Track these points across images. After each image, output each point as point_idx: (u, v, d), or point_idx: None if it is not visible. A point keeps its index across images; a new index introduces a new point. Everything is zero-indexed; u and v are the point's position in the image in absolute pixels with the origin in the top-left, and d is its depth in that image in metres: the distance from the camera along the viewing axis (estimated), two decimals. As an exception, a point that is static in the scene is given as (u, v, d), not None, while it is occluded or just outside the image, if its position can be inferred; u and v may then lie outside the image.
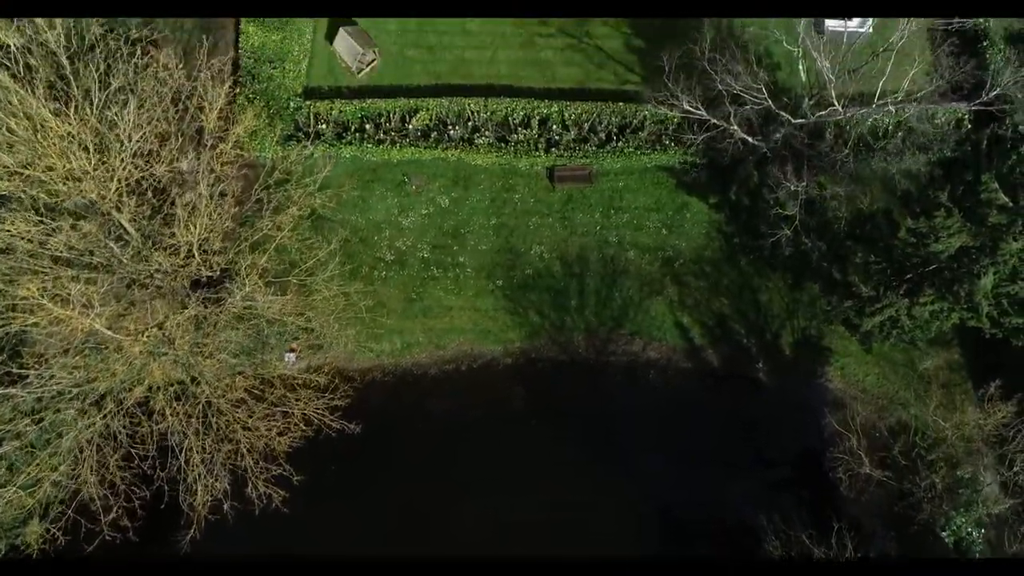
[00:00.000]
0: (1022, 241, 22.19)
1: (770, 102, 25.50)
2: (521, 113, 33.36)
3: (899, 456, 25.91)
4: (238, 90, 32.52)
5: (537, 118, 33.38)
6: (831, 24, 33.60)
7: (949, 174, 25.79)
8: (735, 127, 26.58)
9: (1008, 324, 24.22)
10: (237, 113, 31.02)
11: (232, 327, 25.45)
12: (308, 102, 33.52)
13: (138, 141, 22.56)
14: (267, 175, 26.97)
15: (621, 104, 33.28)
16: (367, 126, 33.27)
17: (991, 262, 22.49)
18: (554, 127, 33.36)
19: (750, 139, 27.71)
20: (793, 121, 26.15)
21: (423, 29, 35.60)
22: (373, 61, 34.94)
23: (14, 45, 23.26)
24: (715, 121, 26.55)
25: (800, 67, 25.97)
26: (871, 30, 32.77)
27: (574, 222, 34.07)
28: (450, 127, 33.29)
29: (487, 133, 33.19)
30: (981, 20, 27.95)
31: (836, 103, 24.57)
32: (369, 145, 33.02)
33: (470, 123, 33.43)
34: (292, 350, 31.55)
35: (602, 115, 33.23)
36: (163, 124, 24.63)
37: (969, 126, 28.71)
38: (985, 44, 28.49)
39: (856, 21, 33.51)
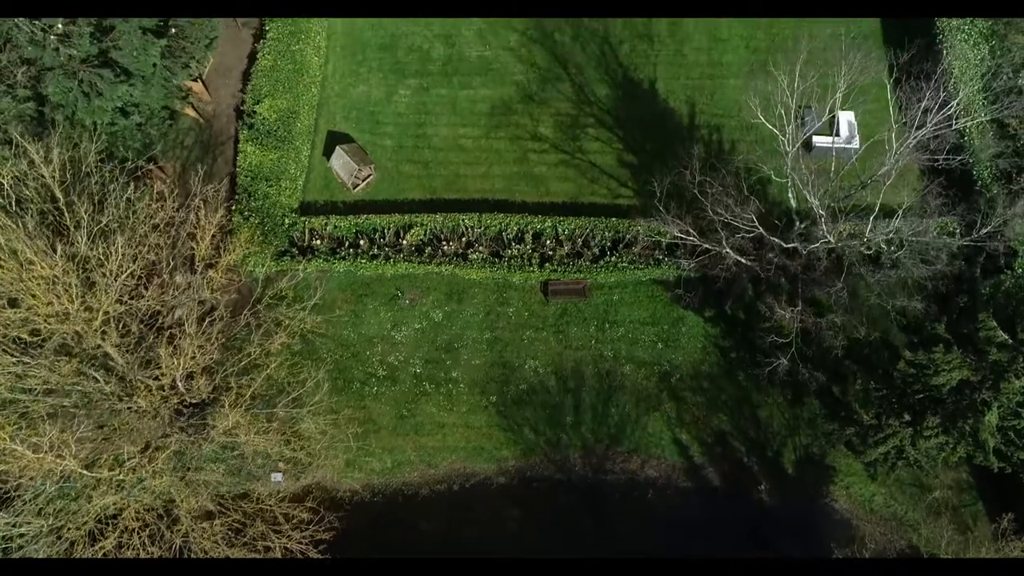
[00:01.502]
0: (1024, 378, 21.78)
1: (762, 230, 25.56)
2: (515, 228, 33.52)
3: (912, 596, 24.48)
4: (233, 207, 32.84)
5: (531, 233, 33.51)
6: (818, 141, 34.30)
7: (946, 299, 25.57)
8: (727, 250, 26.55)
9: (1016, 458, 23.45)
10: (235, 231, 31.23)
11: (215, 457, 24.62)
12: (303, 218, 33.77)
13: (126, 278, 22.41)
14: (256, 300, 26.74)
15: (614, 220, 33.47)
16: (361, 241, 33.36)
17: (994, 396, 21.97)
18: (548, 242, 33.45)
19: (743, 260, 27.64)
20: (785, 246, 26.14)
21: (418, 145, 36.31)
22: (369, 176, 35.43)
23: (7, 182, 23.46)
24: (707, 245, 26.55)
25: (790, 194, 26.20)
26: (858, 146, 33.43)
27: (569, 336, 33.69)
28: (444, 242, 33.39)
29: (481, 248, 33.25)
30: (968, 157, 28.46)
31: (827, 235, 24.61)
32: (363, 260, 33.03)
33: (464, 238, 33.54)
34: (279, 470, 30.66)
35: (595, 230, 33.38)
36: (153, 253, 24.57)
37: (960, 239, 28.73)
38: (973, 174, 28.85)
39: (844, 136, 34.22)
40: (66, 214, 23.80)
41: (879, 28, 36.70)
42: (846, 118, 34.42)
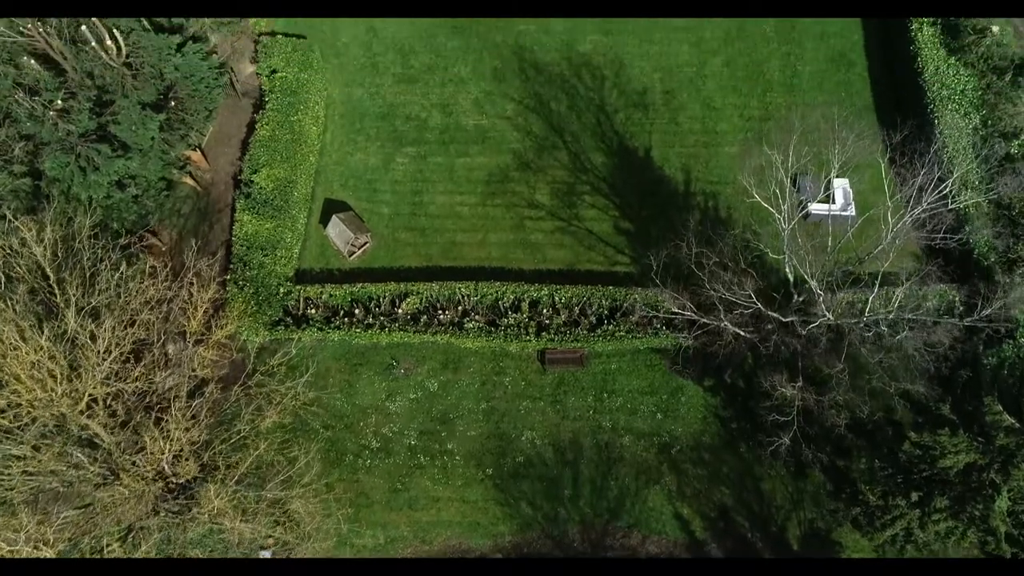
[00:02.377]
0: (1034, 463, 21.19)
1: (760, 305, 25.30)
2: (511, 296, 33.24)
3: None
4: (228, 277, 32.64)
5: (527, 301, 33.24)
6: (814, 208, 34.37)
7: (949, 377, 25.16)
8: (726, 323, 26.23)
9: (1029, 543, 22.69)
10: (228, 303, 30.97)
11: (199, 541, 23.79)
12: (298, 287, 33.52)
13: (113, 360, 22.02)
14: (247, 375, 26.26)
15: (611, 288, 33.24)
16: (356, 310, 33.05)
17: (1003, 480, 21.36)
18: (544, 310, 33.15)
19: (743, 333, 27.30)
20: (783, 320, 25.84)
21: (415, 213, 36.34)
22: (365, 244, 35.34)
23: (-3, 265, 23.32)
24: (706, 320, 26.24)
25: (788, 270, 26.05)
26: (854, 213, 33.53)
27: (566, 406, 33.10)
28: (440, 311, 33.08)
29: (477, 317, 32.92)
30: (965, 239, 28.17)
31: (826, 313, 24.33)
32: (358, 330, 32.64)
33: (460, 307, 33.25)
34: (266, 547, 29.69)
35: (592, 298, 33.11)
36: (143, 330, 24.21)
37: (962, 320, 28.32)
38: (972, 252, 28.63)
39: (839, 203, 34.32)
40: (56, 292, 23.53)
41: (871, 103, 37.22)
42: (841, 185, 34.59)
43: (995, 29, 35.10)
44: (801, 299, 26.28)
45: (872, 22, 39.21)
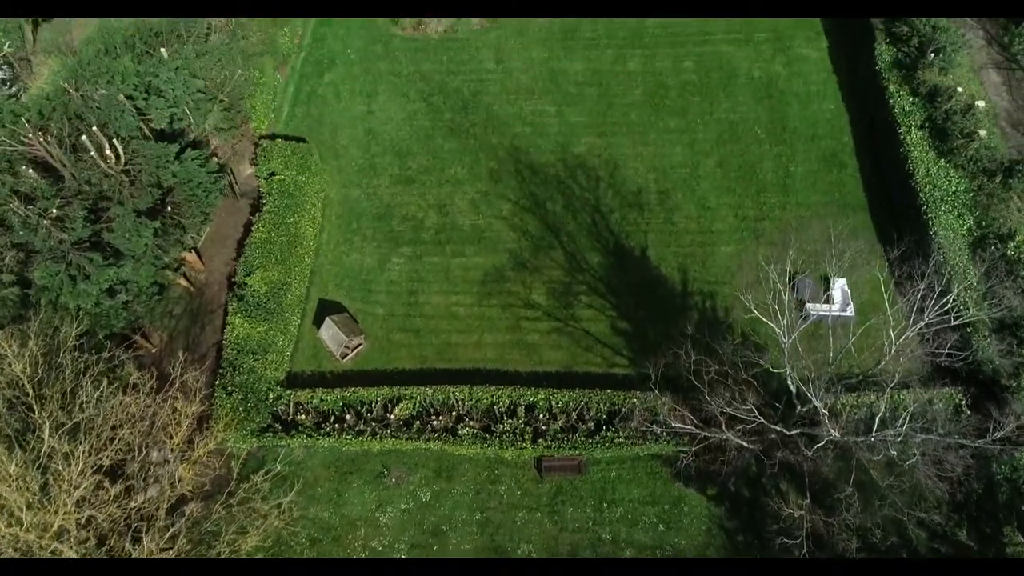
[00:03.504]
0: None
1: (762, 419, 24.49)
2: (507, 401, 32.39)
3: None
4: (216, 382, 31.91)
5: (523, 406, 32.35)
6: (813, 308, 33.98)
7: (967, 497, 24.06)
8: (729, 435, 25.32)
9: None
10: (214, 412, 30.12)
11: None
12: (289, 391, 32.72)
13: (87, 488, 21.05)
14: (231, 494, 25.12)
15: (609, 391, 32.43)
16: (347, 416, 32.12)
17: (1031, 615, 20.04)
18: (541, 415, 32.22)
19: (745, 444, 26.35)
20: (788, 434, 24.96)
21: (410, 313, 35.95)
22: (359, 346, 34.78)
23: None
24: (707, 434, 25.35)
25: (789, 382, 25.40)
26: (852, 313, 33.13)
27: (564, 517, 31.68)
28: (434, 416, 32.15)
29: (472, 423, 31.97)
30: (973, 358, 27.36)
31: (832, 431, 23.52)
32: (348, 436, 31.63)
33: (454, 412, 32.34)
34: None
35: (590, 403, 32.24)
36: (124, 444, 23.29)
37: (975, 441, 27.16)
38: (979, 370, 27.84)
39: (838, 304, 33.93)
40: (35, 407, 22.76)
41: (864, 202, 37.50)
42: (839, 285, 34.31)
43: (982, 133, 35.71)
44: (804, 410, 25.47)
45: (860, 125, 39.97)
